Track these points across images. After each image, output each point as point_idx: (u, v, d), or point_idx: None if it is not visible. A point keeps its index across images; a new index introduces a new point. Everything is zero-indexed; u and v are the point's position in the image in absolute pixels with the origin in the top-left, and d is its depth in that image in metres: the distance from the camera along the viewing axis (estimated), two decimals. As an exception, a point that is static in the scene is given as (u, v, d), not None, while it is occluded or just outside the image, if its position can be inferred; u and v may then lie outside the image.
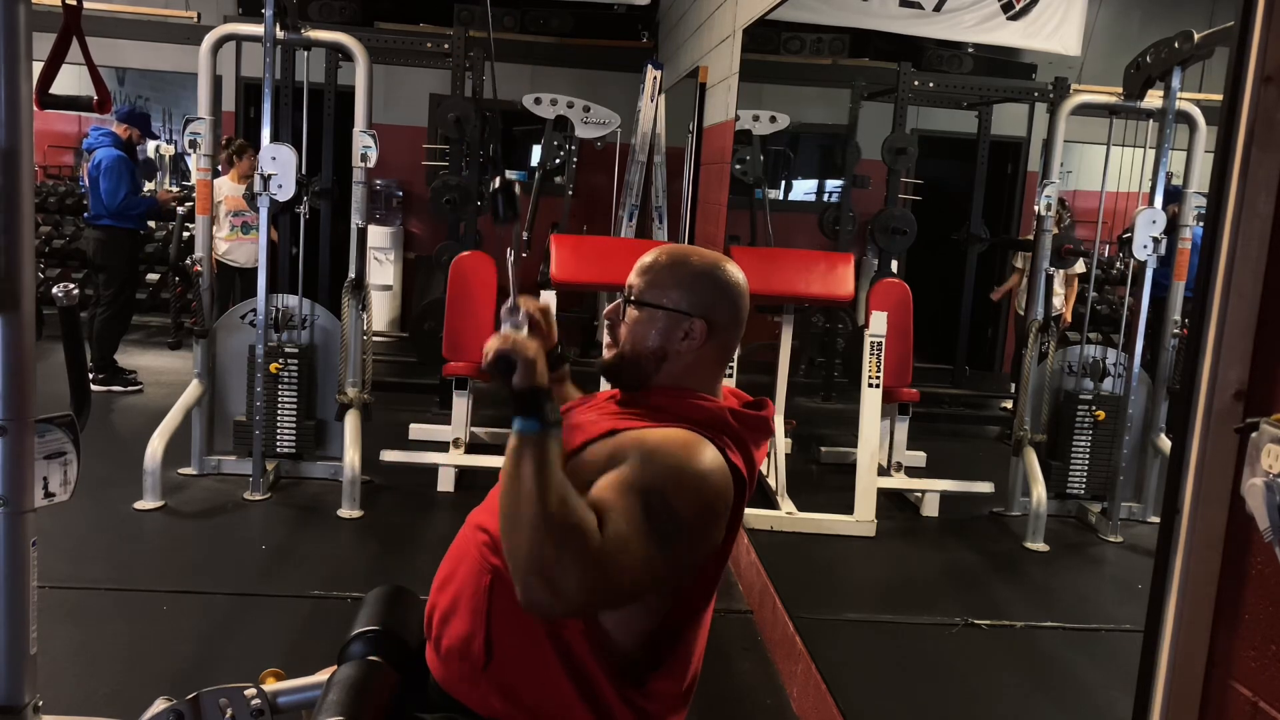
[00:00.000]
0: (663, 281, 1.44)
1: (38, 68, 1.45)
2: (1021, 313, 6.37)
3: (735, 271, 1.46)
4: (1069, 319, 6.01)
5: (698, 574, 1.36)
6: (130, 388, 5.96)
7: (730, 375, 4.35)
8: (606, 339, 1.50)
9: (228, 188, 6.01)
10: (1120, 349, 4.41)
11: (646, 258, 1.48)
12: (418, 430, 5.10)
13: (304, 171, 4.34)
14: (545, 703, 1.33)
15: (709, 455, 1.31)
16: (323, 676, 1.52)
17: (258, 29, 4.25)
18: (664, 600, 1.35)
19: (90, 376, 5.83)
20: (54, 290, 1.74)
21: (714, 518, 1.31)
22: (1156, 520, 2.30)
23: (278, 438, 4.39)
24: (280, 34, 4.26)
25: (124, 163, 5.80)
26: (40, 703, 1.56)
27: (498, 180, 1.44)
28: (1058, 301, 6.21)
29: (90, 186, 5.91)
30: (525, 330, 1.40)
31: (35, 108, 1.45)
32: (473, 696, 1.35)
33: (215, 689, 1.57)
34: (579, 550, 1.17)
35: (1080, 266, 5.77)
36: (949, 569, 4.07)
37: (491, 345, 1.27)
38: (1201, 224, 4.12)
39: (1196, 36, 3.80)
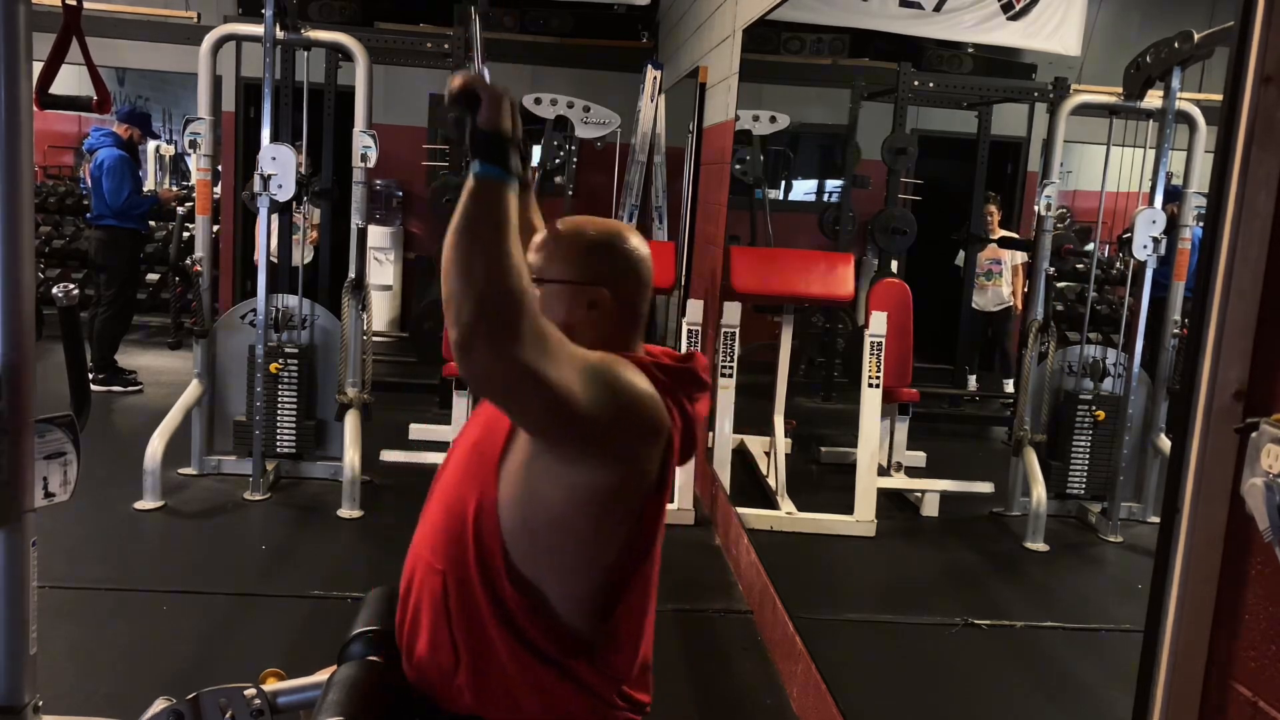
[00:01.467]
0: (560, 255, 1.40)
1: (38, 68, 1.45)
2: (973, 305, 6.59)
3: (633, 237, 1.43)
4: (1020, 307, 6.22)
5: (628, 513, 1.33)
6: (130, 388, 5.96)
7: (730, 375, 4.36)
8: None
9: None
10: (1120, 349, 4.41)
11: (540, 234, 1.44)
12: (418, 430, 5.10)
13: (304, 171, 4.34)
14: (518, 688, 1.33)
15: (638, 375, 1.30)
16: (323, 676, 1.52)
17: (258, 29, 4.26)
18: (602, 549, 1.33)
19: (90, 376, 5.84)
20: (54, 290, 1.74)
21: (649, 419, 1.28)
22: (1156, 520, 2.30)
23: (278, 438, 4.39)
24: (280, 34, 4.26)
25: (126, 162, 5.81)
26: (40, 703, 1.56)
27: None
28: (1006, 291, 6.48)
29: (93, 187, 5.92)
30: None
31: (35, 108, 1.45)
32: (448, 698, 1.36)
33: (215, 689, 1.57)
34: (524, 297, 1.12)
35: (1022, 256, 5.92)
36: (949, 569, 4.07)
37: (454, 80, 1.16)
38: (1201, 224, 4.12)
39: (1196, 36, 3.80)
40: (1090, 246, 5.20)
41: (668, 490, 1.39)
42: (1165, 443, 4.31)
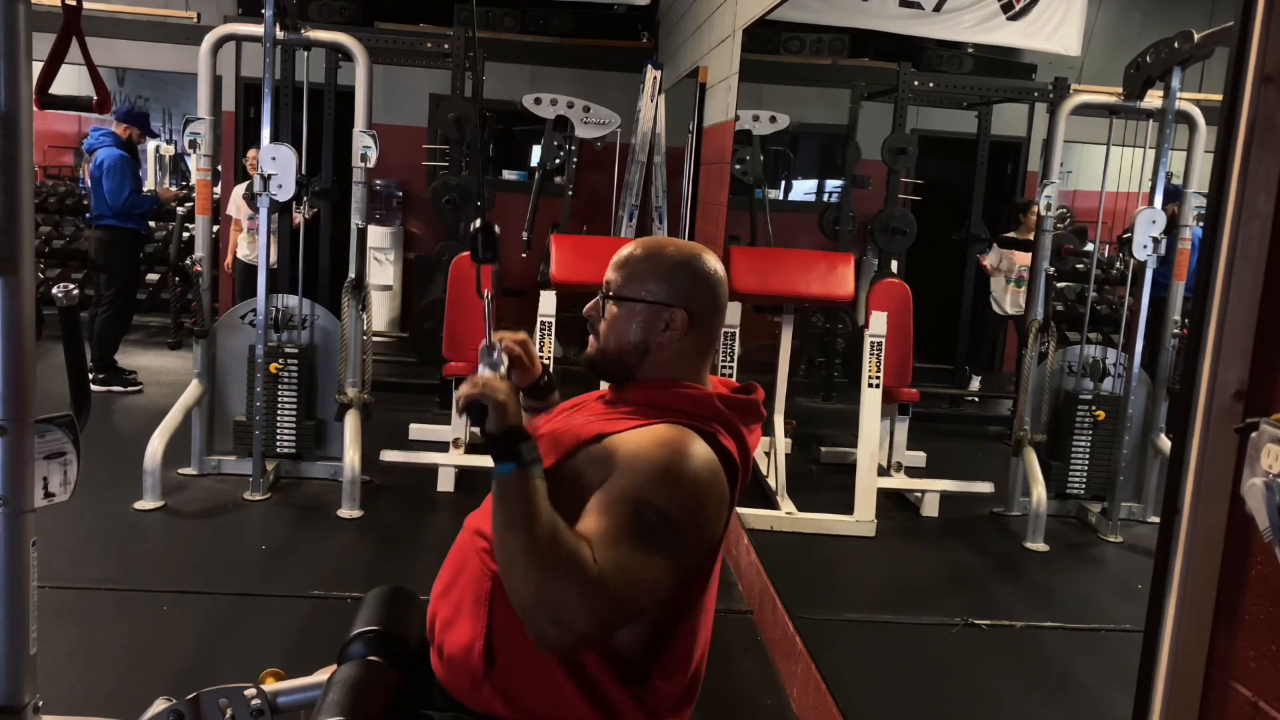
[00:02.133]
0: (640, 274, 1.43)
1: (38, 68, 1.45)
2: (998, 310, 6.34)
3: (712, 260, 1.45)
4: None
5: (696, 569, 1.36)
6: (130, 388, 5.97)
7: (731, 374, 4.36)
8: (590, 336, 1.49)
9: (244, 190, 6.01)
10: (1120, 349, 4.41)
11: (622, 252, 1.47)
12: (418, 430, 5.10)
13: (304, 171, 4.34)
14: (547, 706, 1.33)
15: (698, 450, 1.31)
16: (323, 676, 1.52)
17: (258, 29, 4.25)
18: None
19: (90, 376, 5.85)
20: (54, 290, 1.74)
21: (709, 514, 1.31)
22: (1156, 520, 2.30)
23: (278, 438, 4.39)
24: (280, 34, 4.26)
25: (126, 162, 5.81)
26: (40, 703, 1.56)
27: (477, 221, 1.43)
28: (1008, 299, 6.20)
29: (93, 187, 5.91)
30: (505, 368, 1.40)
31: (35, 108, 1.45)
32: (477, 701, 1.35)
33: (215, 689, 1.57)
34: (578, 582, 1.17)
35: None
36: (949, 569, 4.07)
37: (463, 391, 1.26)
38: (1201, 224, 4.12)
39: (1196, 36, 3.80)
40: (1089, 246, 5.19)
41: (729, 523, 1.41)
42: (1165, 443, 4.31)
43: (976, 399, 6.72)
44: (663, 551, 1.24)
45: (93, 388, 5.85)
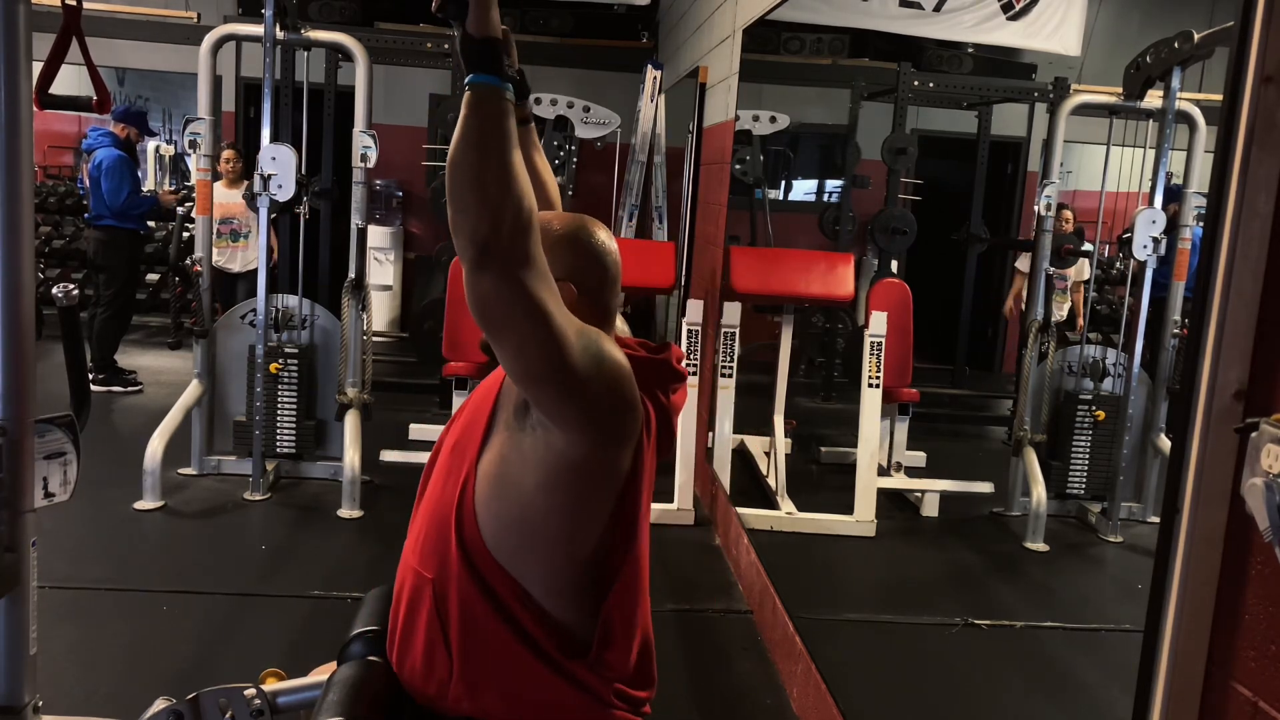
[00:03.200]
0: None
1: (38, 68, 1.45)
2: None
3: (600, 232, 1.42)
4: (1082, 327, 5.25)
5: (600, 500, 1.31)
6: (130, 388, 5.97)
7: (730, 375, 4.36)
8: None
9: (218, 194, 5.94)
10: (1120, 349, 4.41)
11: None
12: (418, 430, 5.10)
13: (304, 171, 4.34)
14: (516, 685, 1.33)
15: (623, 356, 1.28)
16: (323, 676, 1.52)
17: (258, 29, 4.26)
18: (578, 539, 1.31)
19: (90, 376, 5.85)
20: (54, 290, 1.74)
21: (627, 394, 1.26)
22: (1156, 520, 2.30)
23: (278, 438, 4.39)
24: (280, 34, 4.26)
25: (125, 162, 5.80)
26: (40, 703, 1.56)
27: None
28: (1065, 307, 5.64)
29: (91, 187, 5.91)
30: None
31: (35, 108, 1.45)
32: (454, 709, 1.35)
33: (215, 689, 1.57)
34: (536, 228, 1.13)
35: (1084, 271, 5.39)
36: (949, 569, 4.07)
37: None
38: (1201, 224, 4.11)
39: (1196, 36, 3.80)
40: (1088, 246, 5.16)
41: (644, 482, 1.37)
42: (1165, 443, 4.31)
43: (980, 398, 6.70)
44: (577, 336, 1.20)
45: (93, 388, 5.86)
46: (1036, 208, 4.37)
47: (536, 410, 1.26)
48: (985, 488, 4.49)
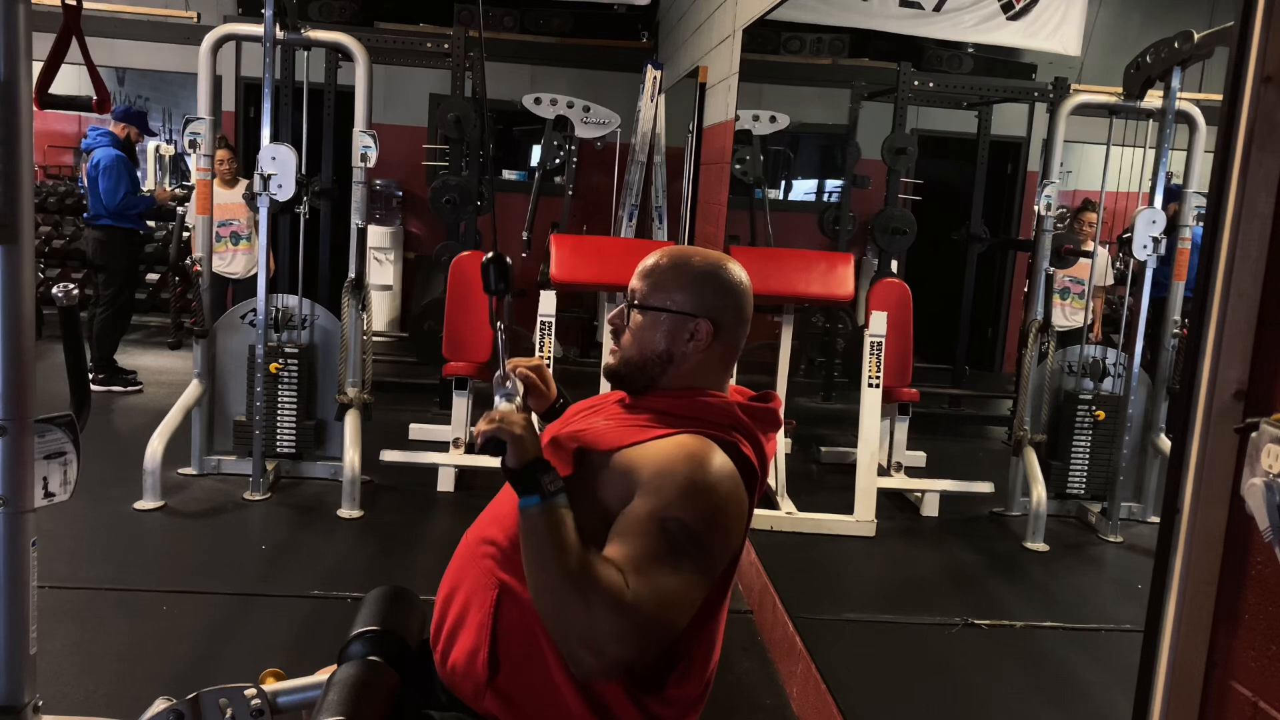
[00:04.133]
0: (666, 284, 1.43)
1: (38, 68, 1.45)
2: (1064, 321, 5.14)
3: (738, 270, 1.46)
4: (1098, 334, 5.13)
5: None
6: (130, 388, 5.97)
7: (730, 375, 4.35)
8: (609, 344, 1.49)
9: (215, 194, 5.85)
10: (1120, 349, 4.41)
11: (648, 260, 1.47)
12: (418, 430, 5.10)
13: (304, 171, 4.34)
14: (549, 713, 1.32)
15: (717, 460, 1.31)
16: (323, 676, 1.52)
17: (258, 29, 4.25)
18: None
19: (90, 376, 5.85)
20: (54, 290, 1.74)
21: (731, 524, 1.31)
22: (1156, 520, 2.30)
23: (278, 438, 4.39)
24: (280, 34, 4.26)
25: (123, 162, 5.80)
26: (40, 703, 1.56)
27: (490, 253, 1.45)
28: (1081, 315, 5.14)
29: (89, 186, 5.91)
30: (520, 397, 1.40)
31: (35, 108, 1.45)
32: (480, 705, 1.36)
33: (215, 689, 1.56)
34: (613, 610, 1.18)
35: (1107, 275, 5.06)
36: (949, 569, 4.07)
37: (480, 429, 1.27)
38: (1201, 224, 4.11)
39: (1196, 36, 3.80)
40: (1088, 246, 5.16)
41: (748, 528, 1.42)
42: (1165, 443, 4.31)
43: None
44: (691, 568, 1.25)
45: (93, 388, 5.86)
46: (1036, 208, 4.37)
47: None
48: (985, 488, 4.49)
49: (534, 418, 1.41)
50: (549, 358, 4.32)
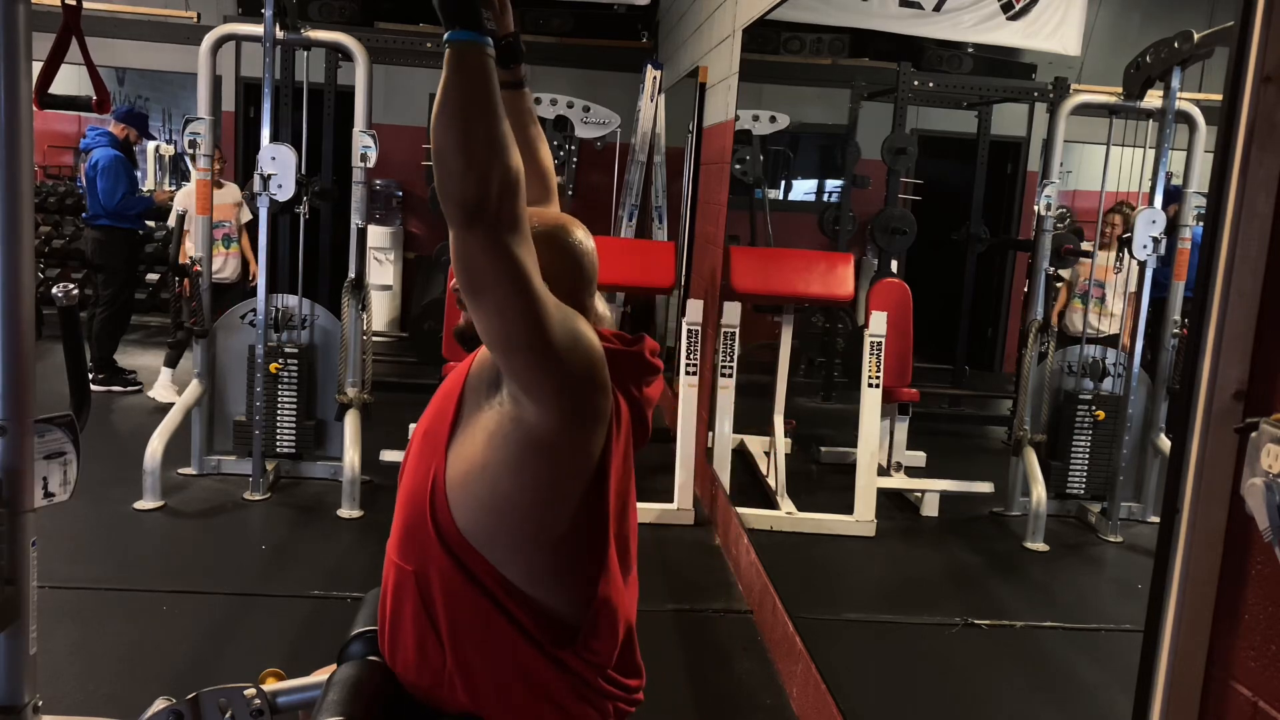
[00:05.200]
0: None
1: (38, 68, 1.45)
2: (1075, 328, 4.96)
3: (576, 230, 1.42)
4: (1128, 344, 4.57)
5: (569, 480, 1.30)
6: (130, 388, 5.97)
7: (730, 375, 4.36)
8: (461, 310, 1.45)
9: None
10: (1120, 349, 4.41)
11: None
12: (418, 430, 5.09)
13: (304, 171, 4.34)
14: (510, 671, 1.32)
15: (598, 341, 1.27)
16: (322, 676, 1.52)
17: (258, 29, 4.26)
18: (549, 519, 1.30)
19: (90, 376, 5.85)
20: (54, 290, 1.74)
21: (599, 375, 1.25)
22: (1156, 520, 2.30)
23: (278, 438, 4.39)
24: (280, 34, 4.26)
25: (121, 163, 5.81)
26: (40, 703, 1.56)
27: None
28: (1105, 321, 4.82)
29: (88, 187, 5.92)
30: None
31: (35, 108, 1.45)
32: (451, 702, 1.35)
33: (215, 689, 1.56)
34: (523, 192, 1.12)
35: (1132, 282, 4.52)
36: (949, 569, 4.07)
37: None
38: (1201, 224, 4.11)
39: (1196, 36, 3.80)
40: (1087, 246, 5.15)
41: (614, 471, 1.35)
42: (1165, 443, 4.31)
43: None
44: (555, 310, 1.19)
45: (93, 388, 5.86)
46: (1036, 208, 4.37)
47: (510, 381, 1.25)
48: (985, 488, 4.49)
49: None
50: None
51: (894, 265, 5.85)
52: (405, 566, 1.35)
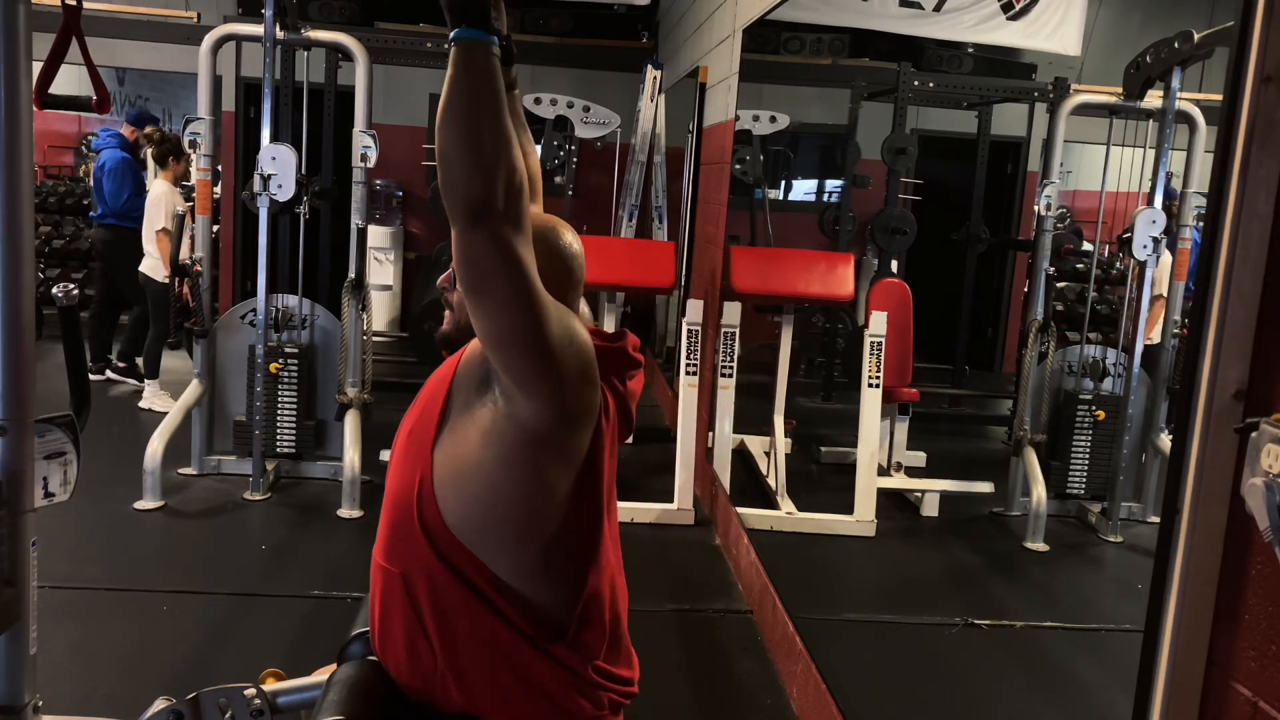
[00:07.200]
0: None
1: (38, 68, 1.45)
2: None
3: (565, 233, 1.43)
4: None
5: (558, 475, 1.30)
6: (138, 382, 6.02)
7: (730, 375, 4.36)
8: (445, 311, 1.46)
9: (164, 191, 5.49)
10: (1120, 349, 4.41)
11: None
12: (418, 430, 5.09)
13: (304, 171, 4.34)
14: (502, 669, 1.32)
15: (589, 338, 1.29)
16: (322, 676, 1.51)
17: (258, 29, 4.26)
18: (539, 515, 1.30)
19: (111, 363, 5.94)
20: (54, 290, 1.74)
21: (590, 370, 1.26)
22: (1156, 520, 2.30)
23: (278, 438, 4.39)
24: (280, 34, 4.26)
25: (128, 165, 5.90)
26: (40, 703, 1.56)
27: None
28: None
29: (95, 187, 6.02)
30: None
31: (35, 108, 1.45)
32: (447, 702, 1.35)
33: (215, 689, 1.56)
34: (525, 191, 1.13)
35: (1163, 278, 4.40)
36: (949, 569, 4.07)
37: None
38: (1201, 224, 4.11)
39: (1196, 36, 3.80)
40: (1087, 246, 5.16)
41: (604, 465, 1.36)
42: (1165, 443, 4.31)
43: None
44: (550, 306, 1.19)
45: (108, 374, 5.94)
46: (1036, 208, 4.37)
47: (505, 377, 1.24)
48: (985, 488, 4.49)
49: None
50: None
51: (894, 265, 5.85)
52: (392, 569, 1.35)
